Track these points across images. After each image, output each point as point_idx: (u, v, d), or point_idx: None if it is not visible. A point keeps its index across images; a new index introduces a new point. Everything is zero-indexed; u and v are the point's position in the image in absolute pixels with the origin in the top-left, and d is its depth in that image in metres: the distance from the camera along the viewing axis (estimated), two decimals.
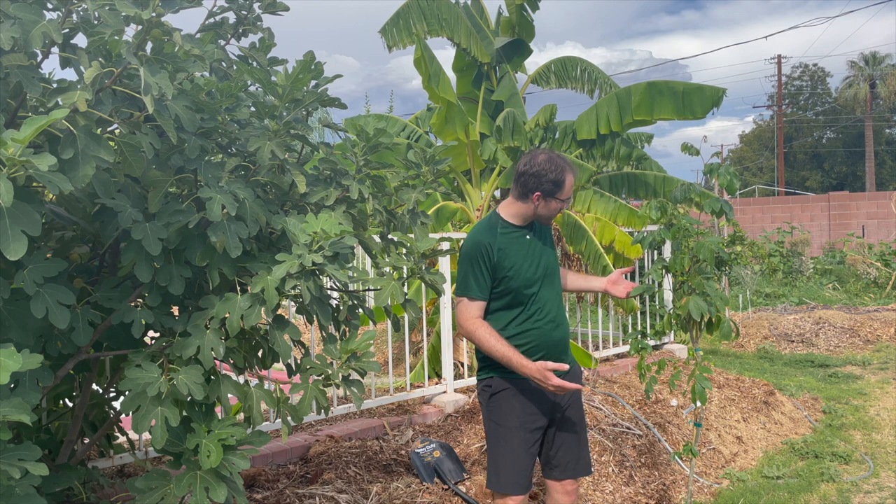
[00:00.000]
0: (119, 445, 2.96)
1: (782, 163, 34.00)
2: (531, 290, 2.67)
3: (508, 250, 2.64)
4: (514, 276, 2.63)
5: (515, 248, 2.67)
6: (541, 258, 2.71)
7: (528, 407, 2.67)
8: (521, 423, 2.66)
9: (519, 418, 2.66)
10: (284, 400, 2.13)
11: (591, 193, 6.22)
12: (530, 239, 2.72)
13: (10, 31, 1.66)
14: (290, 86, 2.06)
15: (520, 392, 2.67)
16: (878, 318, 9.27)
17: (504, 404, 2.69)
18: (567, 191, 2.67)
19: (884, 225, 17.93)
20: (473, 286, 2.62)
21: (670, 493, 4.01)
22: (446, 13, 6.09)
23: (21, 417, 1.51)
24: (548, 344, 2.68)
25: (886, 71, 39.31)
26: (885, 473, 4.51)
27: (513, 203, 2.71)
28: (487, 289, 2.63)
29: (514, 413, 2.67)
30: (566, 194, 2.67)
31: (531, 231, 2.75)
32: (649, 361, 3.88)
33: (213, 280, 1.98)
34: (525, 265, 2.66)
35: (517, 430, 2.66)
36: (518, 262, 2.65)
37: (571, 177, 2.68)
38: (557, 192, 2.64)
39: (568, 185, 2.66)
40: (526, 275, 2.65)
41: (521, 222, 2.72)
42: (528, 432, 2.67)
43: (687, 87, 5.70)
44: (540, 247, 2.74)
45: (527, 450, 2.67)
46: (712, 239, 3.34)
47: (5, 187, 1.44)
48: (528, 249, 2.69)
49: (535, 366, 2.52)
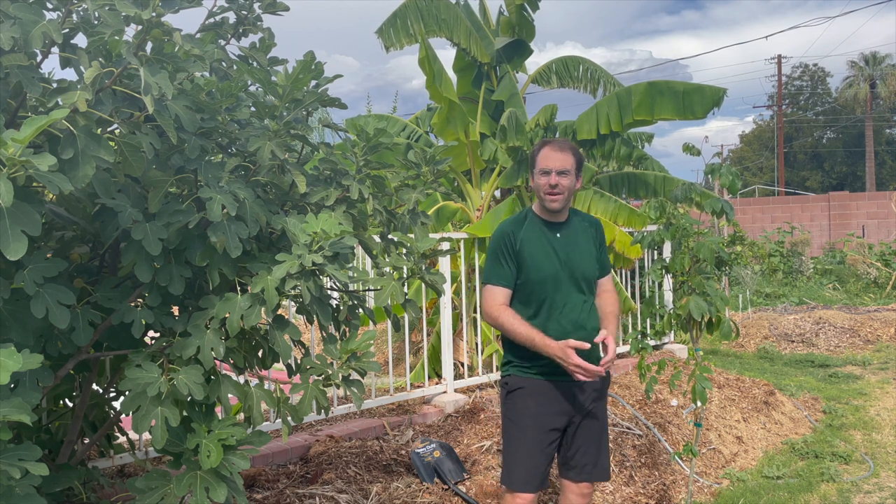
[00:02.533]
0: (119, 445, 2.96)
1: (782, 163, 34.00)
2: (548, 287, 2.65)
3: (531, 242, 2.68)
4: (532, 269, 2.65)
5: (539, 241, 2.69)
6: (568, 258, 2.68)
7: (543, 407, 2.65)
8: (535, 423, 2.64)
9: (533, 418, 2.64)
10: (284, 400, 2.13)
11: (591, 193, 6.21)
12: (560, 237, 2.71)
13: (10, 31, 1.66)
14: (291, 86, 2.06)
15: (535, 392, 2.66)
16: (878, 318, 9.27)
17: (519, 402, 2.68)
18: (542, 161, 2.66)
19: (884, 225, 17.92)
20: (497, 273, 2.68)
21: (670, 493, 4.01)
22: (445, 13, 6.09)
23: (21, 417, 1.51)
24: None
25: (886, 71, 39.30)
26: (885, 473, 4.51)
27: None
28: (511, 277, 2.67)
29: (528, 412, 2.65)
30: (541, 164, 2.66)
31: (565, 230, 2.74)
32: (649, 361, 3.88)
33: (213, 280, 1.98)
34: (545, 260, 2.66)
35: (530, 430, 2.65)
36: (538, 256, 2.66)
37: (549, 149, 2.68)
38: (534, 165, 2.71)
39: (542, 155, 2.67)
40: (544, 270, 2.65)
41: (548, 216, 2.73)
42: (543, 433, 2.65)
43: (687, 87, 5.70)
44: (570, 246, 2.71)
45: (541, 450, 2.65)
46: (712, 239, 3.34)
47: (5, 187, 1.44)
48: (554, 246, 2.69)
49: (557, 344, 2.52)
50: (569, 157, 2.67)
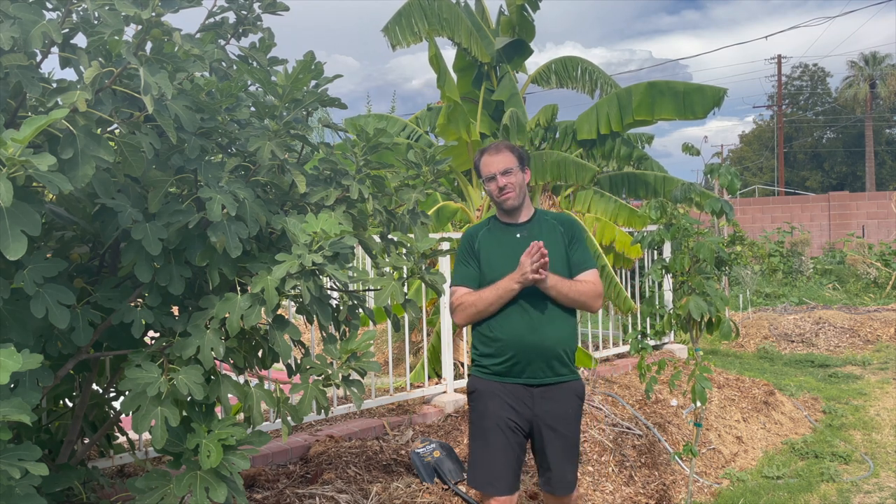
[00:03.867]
0: (119, 445, 2.96)
1: (782, 163, 34.00)
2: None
3: (487, 245, 2.73)
4: (487, 272, 2.69)
5: (497, 243, 2.73)
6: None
7: (501, 409, 2.63)
8: (496, 424, 2.63)
9: (492, 419, 2.64)
10: (284, 400, 2.13)
11: (591, 193, 6.22)
12: (521, 238, 2.70)
13: (9, 31, 1.66)
14: (290, 86, 2.06)
15: (492, 393, 2.66)
16: (878, 318, 9.27)
17: (479, 405, 2.70)
18: (484, 169, 2.71)
19: (884, 225, 17.92)
20: (461, 274, 2.75)
21: (670, 493, 4.01)
22: (447, 13, 6.09)
23: (21, 417, 1.51)
24: (520, 347, 2.62)
25: (886, 71, 39.29)
26: (885, 473, 4.51)
27: None
28: (475, 277, 2.72)
29: (487, 414, 2.66)
30: (484, 172, 2.71)
31: (527, 230, 2.73)
32: (649, 361, 3.88)
33: (213, 280, 1.98)
34: (501, 262, 2.67)
35: (490, 431, 2.64)
36: (493, 258, 2.70)
37: (486, 156, 2.73)
38: (480, 177, 2.77)
39: (483, 164, 2.73)
40: (500, 271, 2.64)
41: (508, 218, 2.77)
42: (501, 432, 2.62)
43: (687, 87, 5.70)
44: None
45: (502, 450, 2.62)
46: (712, 239, 3.34)
47: (5, 187, 1.44)
48: (512, 247, 2.68)
49: (516, 272, 2.57)
50: (507, 156, 2.70)
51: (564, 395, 2.68)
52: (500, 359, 2.65)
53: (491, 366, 2.69)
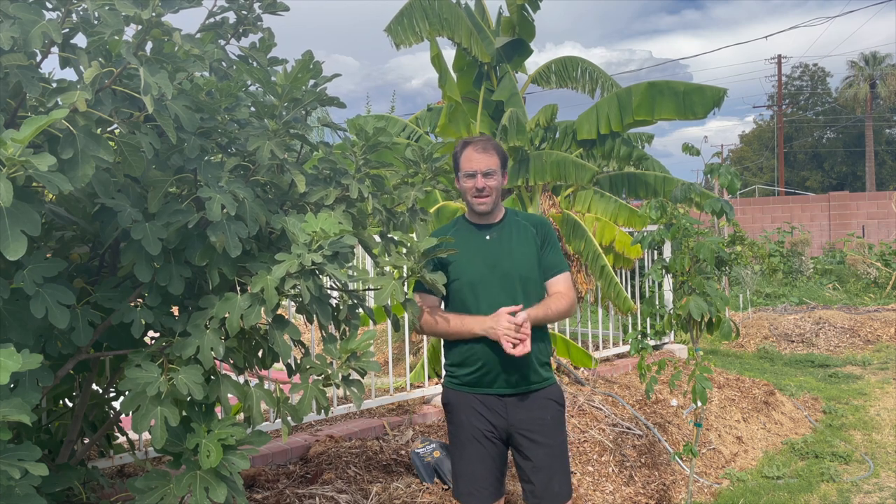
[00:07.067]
0: (119, 445, 2.96)
1: (782, 163, 34.00)
2: (475, 291, 2.57)
3: (456, 246, 2.56)
4: (453, 274, 2.58)
5: (465, 245, 2.59)
6: (498, 261, 2.59)
7: (475, 419, 2.59)
8: (472, 435, 2.59)
9: (468, 430, 2.60)
10: (284, 400, 2.13)
11: (591, 193, 6.22)
12: (491, 239, 2.62)
13: (9, 31, 1.65)
14: (290, 85, 2.06)
15: (466, 405, 2.61)
16: (878, 318, 9.27)
17: (454, 416, 2.66)
18: (466, 163, 2.57)
19: (884, 225, 17.93)
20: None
21: (670, 493, 4.01)
22: (447, 13, 6.09)
23: (21, 417, 1.51)
24: (490, 356, 2.55)
25: (886, 71, 39.31)
26: (885, 473, 4.51)
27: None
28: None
29: (462, 425, 2.62)
30: (465, 167, 2.58)
31: (497, 231, 2.64)
32: (649, 361, 3.88)
33: (213, 280, 1.98)
34: (468, 265, 2.58)
35: (467, 442, 2.60)
36: (460, 260, 2.58)
37: (472, 149, 2.57)
38: (458, 168, 2.63)
39: (465, 157, 2.58)
40: (466, 274, 2.57)
41: (477, 219, 2.66)
42: (479, 442, 2.58)
43: (688, 87, 5.70)
44: (501, 249, 2.61)
45: (480, 460, 2.58)
46: (712, 239, 3.34)
47: (5, 187, 1.44)
48: (481, 250, 2.60)
49: (490, 318, 2.47)
50: (493, 157, 2.58)
51: (539, 403, 2.60)
52: (471, 368, 2.59)
53: (462, 376, 2.62)
